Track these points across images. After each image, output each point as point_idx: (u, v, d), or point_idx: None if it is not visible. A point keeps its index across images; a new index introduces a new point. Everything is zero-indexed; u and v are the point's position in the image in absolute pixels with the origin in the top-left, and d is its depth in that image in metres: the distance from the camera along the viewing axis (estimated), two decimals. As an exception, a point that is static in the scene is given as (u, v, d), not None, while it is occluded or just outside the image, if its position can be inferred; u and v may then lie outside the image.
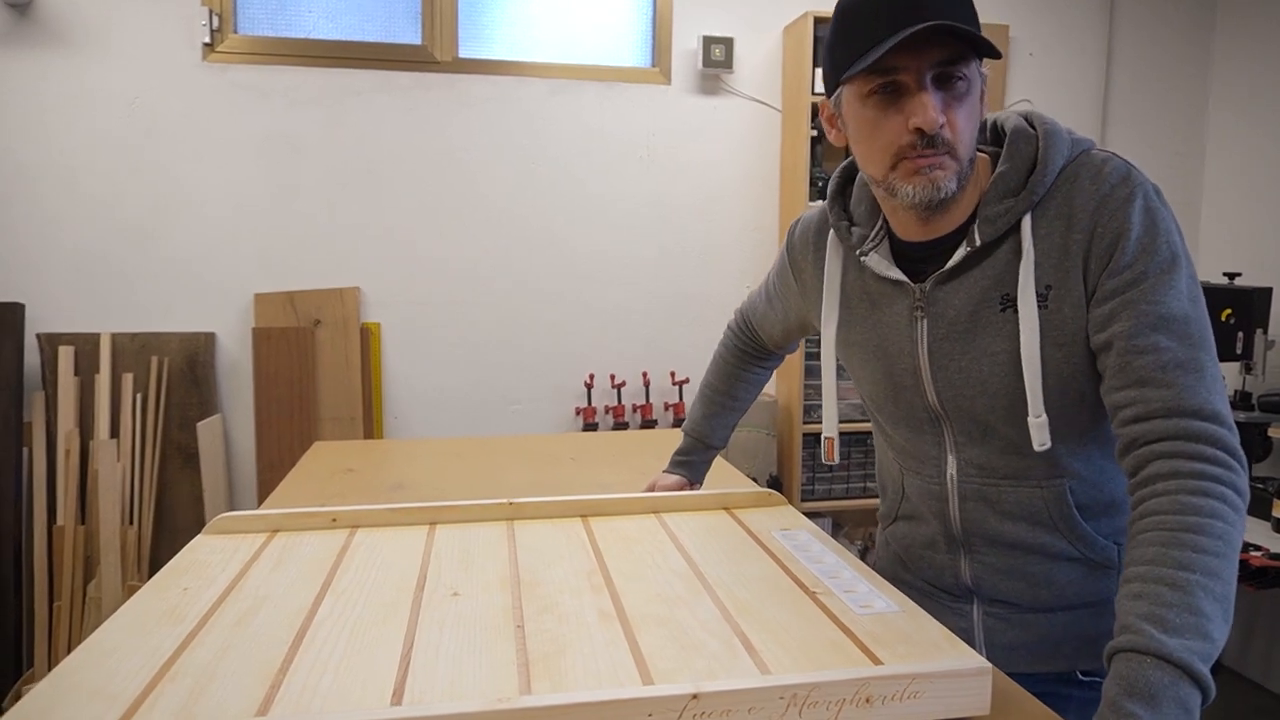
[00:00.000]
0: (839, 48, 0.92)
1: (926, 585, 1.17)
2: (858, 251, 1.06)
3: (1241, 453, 0.85)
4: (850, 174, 1.13)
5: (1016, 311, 0.95)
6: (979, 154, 1.00)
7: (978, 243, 0.96)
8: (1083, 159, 0.96)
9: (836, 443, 1.16)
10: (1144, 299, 0.88)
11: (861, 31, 0.89)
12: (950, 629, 0.97)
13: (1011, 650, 1.09)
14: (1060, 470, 1.01)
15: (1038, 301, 0.93)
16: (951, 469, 1.07)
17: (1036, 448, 0.96)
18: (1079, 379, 0.95)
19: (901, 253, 1.04)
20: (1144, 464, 0.86)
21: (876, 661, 0.81)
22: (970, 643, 1.10)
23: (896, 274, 1.03)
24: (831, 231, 1.11)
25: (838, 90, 0.97)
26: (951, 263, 0.98)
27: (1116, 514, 1.05)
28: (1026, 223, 0.94)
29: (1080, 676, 1.07)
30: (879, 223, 1.06)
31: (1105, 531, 1.04)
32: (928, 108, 0.88)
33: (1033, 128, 0.98)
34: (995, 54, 0.90)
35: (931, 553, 1.14)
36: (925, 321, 1.01)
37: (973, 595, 1.12)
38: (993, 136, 1.04)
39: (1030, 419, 0.95)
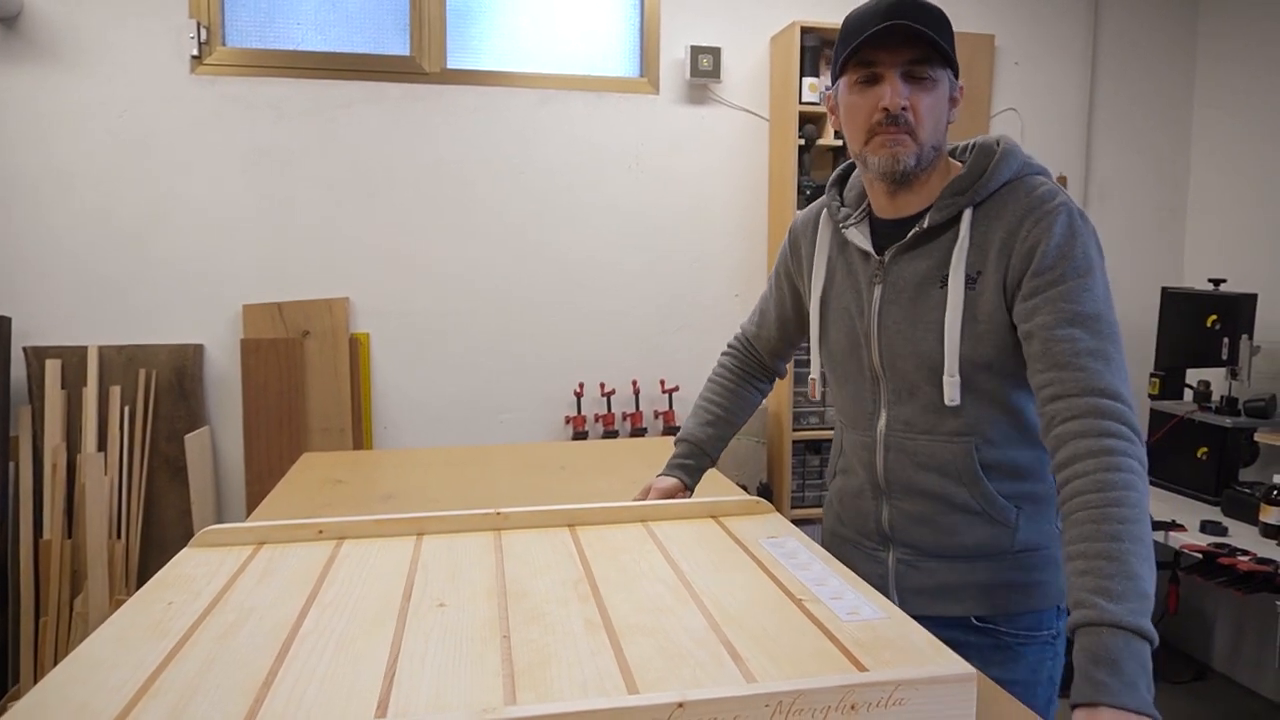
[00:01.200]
0: (839, 48, 1.17)
1: (855, 535, 1.34)
2: (842, 225, 1.28)
3: (1139, 427, 1.02)
4: (851, 168, 1.33)
5: (948, 290, 1.15)
6: (954, 163, 1.23)
7: (925, 225, 1.17)
8: (1028, 178, 1.16)
9: (819, 382, 1.35)
10: (1062, 298, 1.07)
11: (854, 36, 1.13)
12: (868, 574, 1.26)
13: (917, 594, 1.26)
14: (969, 430, 1.19)
15: (967, 283, 1.14)
16: (881, 424, 1.25)
17: (947, 402, 1.15)
18: (990, 350, 1.15)
19: (877, 231, 1.25)
20: (1063, 443, 1.02)
21: (862, 668, 0.81)
22: (884, 585, 1.28)
23: (866, 245, 1.24)
24: (825, 210, 1.33)
25: (837, 82, 1.20)
26: (904, 240, 1.19)
27: (1018, 479, 1.21)
28: (967, 216, 1.15)
29: (975, 622, 1.24)
30: (864, 205, 1.28)
31: (1006, 493, 1.20)
32: (891, 93, 1.12)
33: (998, 146, 1.19)
34: (952, 62, 1.14)
35: (859, 501, 1.32)
36: (880, 288, 1.22)
37: (888, 542, 1.29)
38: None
39: (945, 377, 1.15)
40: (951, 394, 1.15)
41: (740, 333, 1.57)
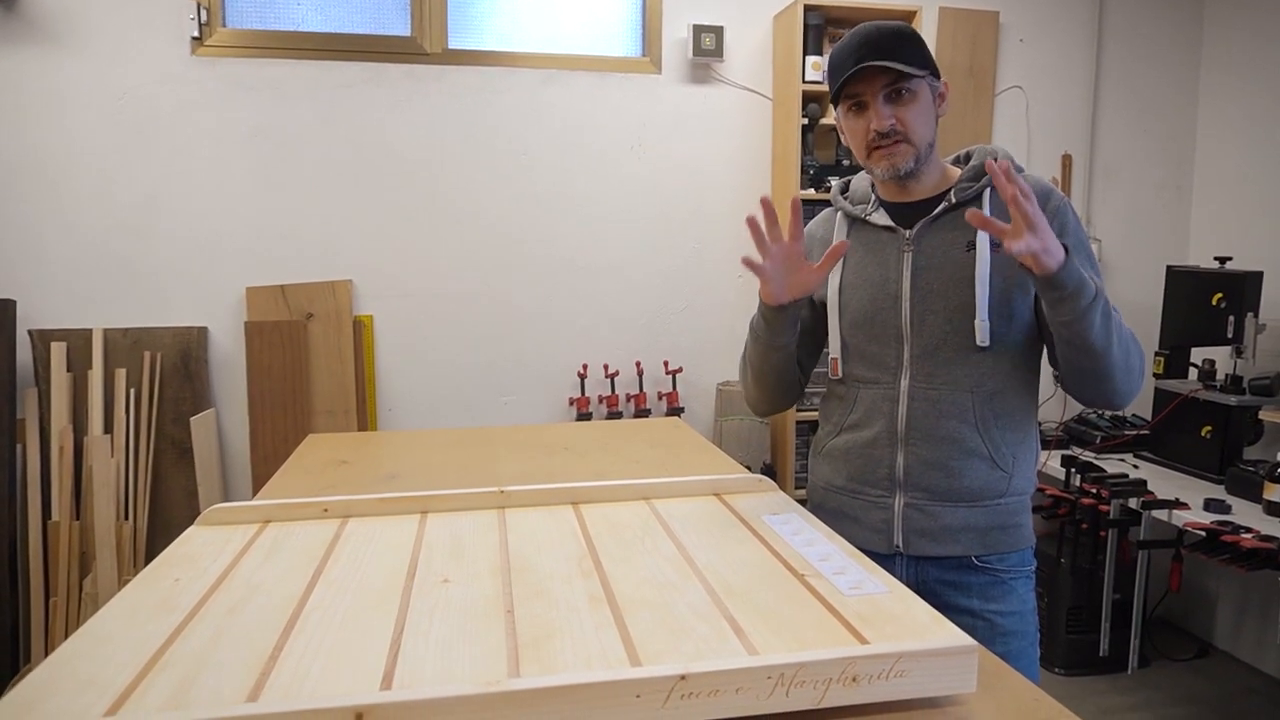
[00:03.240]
0: (829, 83, 1.39)
1: (858, 485, 1.44)
2: (864, 215, 1.46)
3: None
4: (845, 183, 1.56)
5: (976, 251, 1.35)
6: (953, 169, 1.45)
7: (953, 201, 1.38)
8: (1024, 174, 1.35)
9: (840, 361, 1.47)
10: (1086, 271, 1.28)
11: (838, 74, 1.34)
12: (872, 520, 1.42)
13: (921, 535, 1.39)
14: (986, 379, 1.36)
15: (991, 247, 1.34)
16: (905, 380, 1.40)
17: (979, 342, 1.34)
18: (1012, 300, 1.36)
19: (892, 214, 1.44)
20: None
21: (863, 641, 0.82)
22: (889, 530, 1.41)
23: (891, 223, 1.43)
24: (838, 214, 1.52)
25: (837, 109, 1.42)
26: (934, 214, 1.39)
27: (1017, 429, 1.39)
28: (987, 195, 1.38)
29: (976, 562, 1.39)
30: (873, 198, 1.48)
31: (1008, 440, 1.38)
32: (876, 117, 1.34)
33: (994, 152, 1.43)
34: (919, 74, 1.32)
35: (872, 451, 1.42)
36: (910, 255, 1.40)
37: (897, 488, 1.41)
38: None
39: (976, 321, 1.34)
40: (982, 336, 1.33)
41: None
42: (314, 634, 0.84)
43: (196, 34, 2.80)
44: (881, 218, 1.44)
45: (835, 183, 1.58)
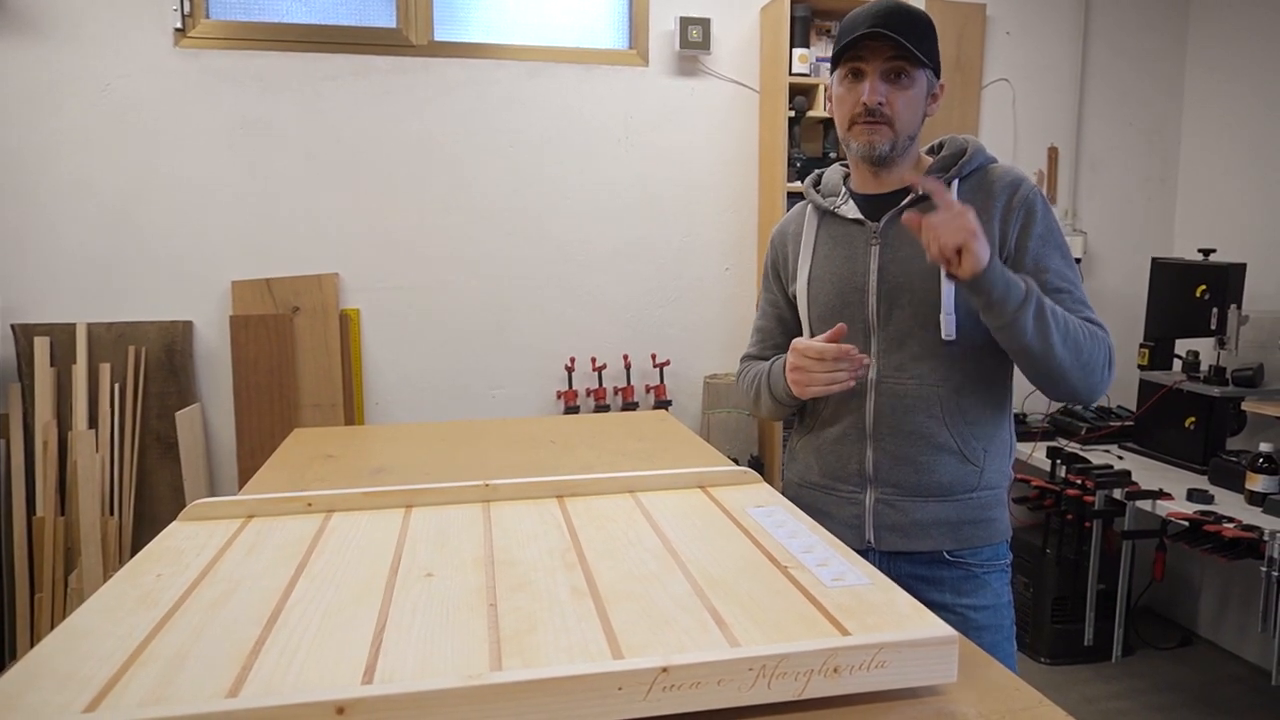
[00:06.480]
0: (835, 45, 1.37)
1: (830, 481, 1.46)
2: (834, 207, 1.46)
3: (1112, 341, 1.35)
4: (818, 176, 1.56)
5: None
6: (927, 157, 1.44)
7: (920, 193, 1.35)
8: (994, 165, 1.41)
9: None
10: (1052, 260, 1.35)
11: (847, 32, 1.34)
12: (845, 516, 1.43)
13: (892, 531, 1.41)
14: (954, 374, 1.36)
15: None
16: (872, 373, 1.40)
17: (944, 336, 1.34)
18: None
19: (862, 205, 1.44)
20: None
21: (844, 632, 0.82)
22: (860, 525, 1.42)
23: (859, 215, 1.43)
24: (809, 206, 1.51)
25: (833, 75, 1.40)
26: (901, 206, 1.39)
27: (987, 424, 1.40)
28: (955, 186, 1.37)
29: (947, 556, 1.40)
30: (844, 190, 1.48)
31: (977, 434, 1.39)
32: (870, 89, 1.33)
33: (966, 141, 1.43)
34: (924, 62, 1.32)
35: (841, 447, 1.44)
36: (878, 248, 1.40)
37: (867, 483, 1.42)
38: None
39: (942, 315, 1.34)
40: (948, 329, 1.33)
41: (743, 360, 1.65)
42: (296, 628, 0.84)
43: (179, 25, 2.77)
44: (850, 210, 1.43)
45: (807, 179, 1.58)
